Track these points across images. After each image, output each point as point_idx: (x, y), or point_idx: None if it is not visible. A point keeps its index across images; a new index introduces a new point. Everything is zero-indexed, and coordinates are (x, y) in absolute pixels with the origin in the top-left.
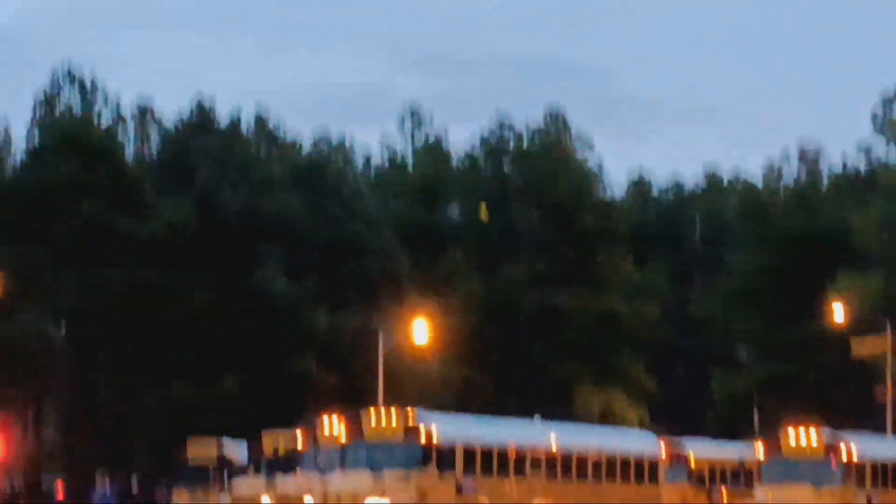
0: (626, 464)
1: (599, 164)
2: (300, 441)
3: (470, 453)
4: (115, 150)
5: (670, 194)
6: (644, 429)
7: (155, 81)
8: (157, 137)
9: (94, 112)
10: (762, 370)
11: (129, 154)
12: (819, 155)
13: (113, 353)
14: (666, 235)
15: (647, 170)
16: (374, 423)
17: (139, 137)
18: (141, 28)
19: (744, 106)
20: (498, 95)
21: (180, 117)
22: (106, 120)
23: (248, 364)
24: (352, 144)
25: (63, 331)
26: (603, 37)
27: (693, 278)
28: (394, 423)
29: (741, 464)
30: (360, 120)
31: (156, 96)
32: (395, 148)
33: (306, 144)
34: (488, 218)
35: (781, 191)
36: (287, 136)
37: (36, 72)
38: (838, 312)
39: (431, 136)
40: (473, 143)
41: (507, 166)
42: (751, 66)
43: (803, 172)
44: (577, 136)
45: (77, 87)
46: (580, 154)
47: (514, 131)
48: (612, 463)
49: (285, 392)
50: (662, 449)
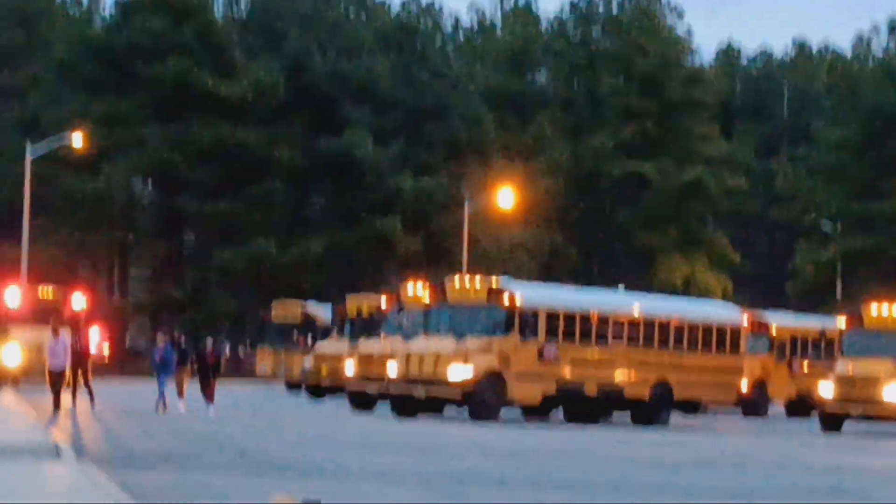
0: (707, 334)
1: (688, 32)
2: (384, 305)
3: (552, 320)
4: (204, 9)
5: (759, 64)
6: (727, 299)
7: None
8: None
9: None
10: (846, 243)
11: (219, 14)
12: None
13: (198, 210)
14: (753, 106)
15: (736, 39)
16: (458, 288)
17: None
18: None
19: None
20: None
21: None
22: None
23: (333, 226)
24: (440, 7)
25: (149, 186)
26: None
27: (779, 150)
28: (478, 289)
29: (823, 336)
30: None
31: None
32: (483, 11)
33: (395, 6)
34: None
35: (870, 63)
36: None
37: None
38: None
39: (521, 1)
40: (563, 9)
41: (595, 33)
42: None
43: (893, 45)
44: (667, 4)
45: None
46: (669, 22)
47: None
48: (693, 332)
49: (369, 254)
50: (745, 320)
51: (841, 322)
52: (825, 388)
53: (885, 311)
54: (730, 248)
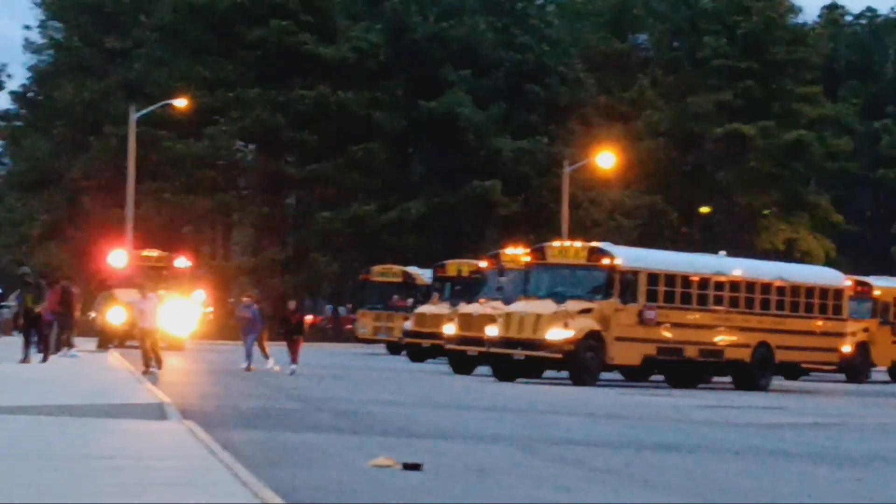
0: (809, 297)
1: None
2: (484, 269)
3: (653, 283)
4: None
5: (863, 22)
6: (830, 262)
7: None
8: None
9: None
10: None
11: None
12: None
13: (299, 172)
14: (858, 66)
15: None
16: (558, 253)
17: None
18: None
19: None
20: None
21: None
22: None
23: (434, 188)
24: None
25: (252, 148)
26: None
27: (885, 110)
28: (578, 254)
29: None
30: None
31: None
32: None
33: None
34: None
35: None
36: None
37: None
38: None
39: None
40: None
41: None
42: None
43: None
44: None
45: None
46: None
47: None
48: (795, 295)
49: (470, 217)
50: (847, 285)
51: None
52: None
53: None
54: (833, 211)
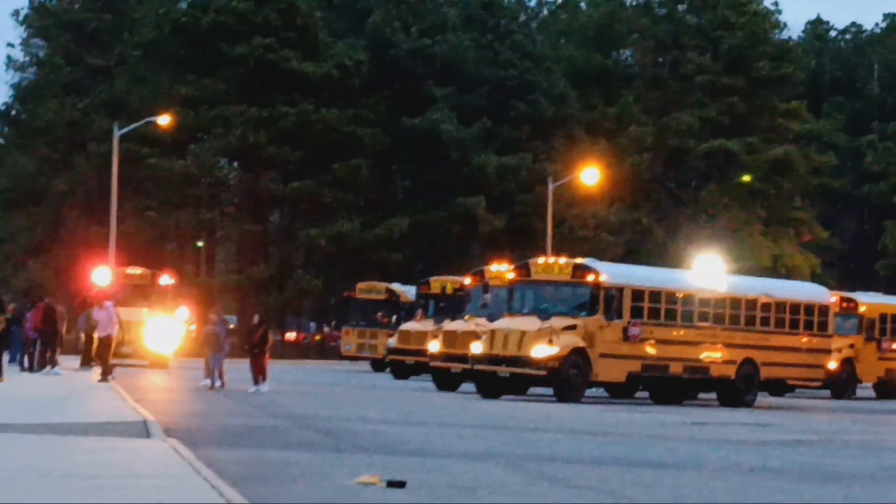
0: (795, 313)
1: (776, 6)
2: (468, 285)
3: (637, 299)
4: None
5: (848, 38)
6: (815, 278)
7: None
8: None
9: None
10: None
11: None
12: None
13: (283, 189)
14: (843, 81)
15: (825, 13)
16: (542, 270)
17: None
18: None
19: None
20: None
21: None
22: None
23: (417, 205)
24: None
25: (235, 166)
26: None
27: (869, 126)
28: (562, 270)
29: None
30: None
31: None
32: None
33: None
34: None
35: None
36: None
37: None
38: None
39: None
40: None
41: (681, 9)
42: None
43: None
44: None
45: None
46: None
47: None
48: (780, 312)
49: (454, 233)
50: (833, 301)
51: None
52: None
53: None
54: (818, 227)
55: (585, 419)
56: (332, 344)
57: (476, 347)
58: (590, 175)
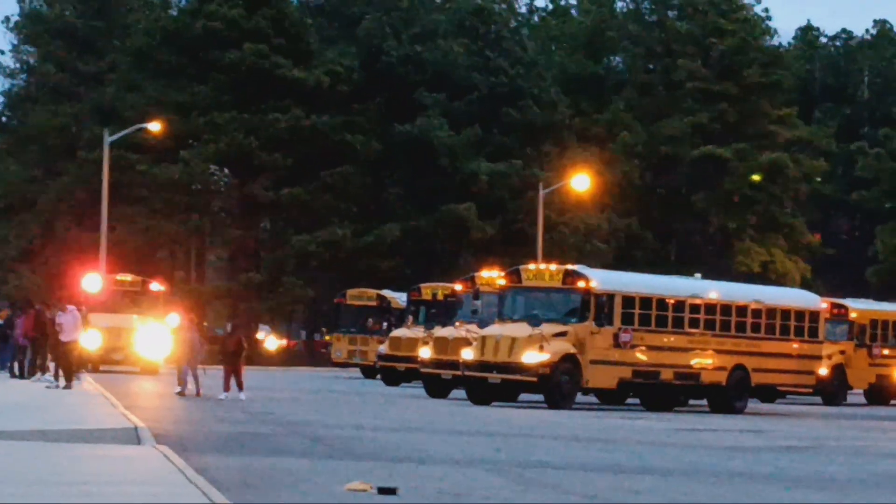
0: (785, 319)
1: (766, 13)
2: (459, 292)
3: (628, 306)
4: None
5: (838, 44)
6: (806, 285)
7: None
8: None
9: None
10: None
11: (293, 0)
12: None
13: (274, 196)
14: (833, 88)
15: (816, 20)
16: (533, 276)
17: None
18: None
19: None
20: None
21: None
22: None
23: (409, 211)
24: None
25: (226, 172)
26: None
27: (860, 132)
28: (553, 277)
29: None
30: None
31: None
32: None
33: None
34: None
35: None
36: None
37: None
38: None
39: None
40: None
41: (671, 15)
42: None
43: None
44: None
45: None
46: (747, 3)
47: None
48: (771, 318)
49: (445, 240)
50: (824, 307)
51: None
52: None
53: None
54: (808, 233)
55: (576, 426)
56: (322, 350)
57: (467, 354)
58: (581, 182)
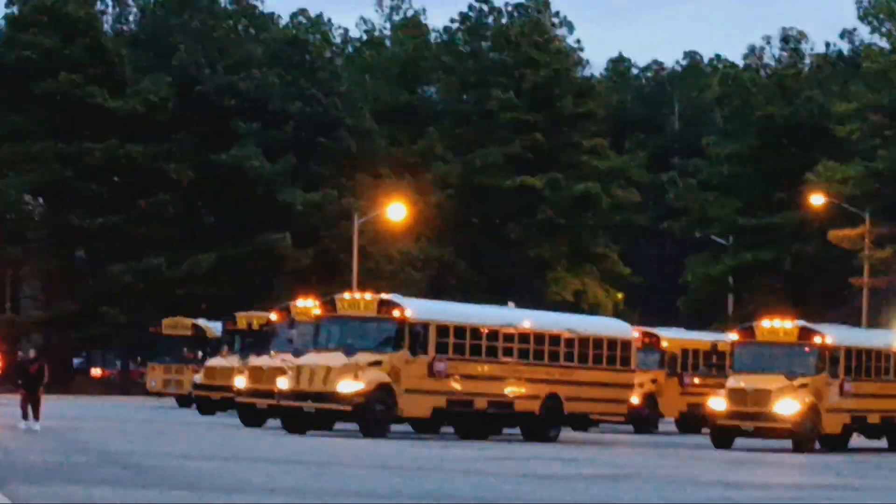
0: (598, 348)
1: (579, 45)
2: (275, 321)
3: (442, 334)
4: (93, 24)
5: (649, 75)
6: (618, 313)
7: None
8: (135, 13)
9: None
10: (738, 257)
11: (108, 29)
12: (801, 39)
13: (89, 225)
14: (644, 118)
15: (627, 52)
16: (348, 305)
17: (118, 13)
18: None
19: None
20: None
21: None
22: None
23: (223, 240)
24: (329, 21)
25: (41, 201)
26: None
27: (671, 162)
28: (368, 306)
29: (714, 351)
30: None
31: None
32: (373, 25)
33: (284, 20)
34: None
35: (763, 75)
36: (265, 11)
37: None
38: (817, 200)
39: (410, 14)
40: (452, 22)
41: (485, 46)
42: None
43: (785, 56)
44: (557, 17)
45: None
46: (559, 34)
47: (493, 10)
48: (584, 347)
49: (260, 268)
50: (635, 336)
51: (732, 336)
52: (716, 403)
53: (776, 327)
54: (620, 262)
55: (390, 454)
56: (138, 380)
57: (282, 383)
58: (395, 211)
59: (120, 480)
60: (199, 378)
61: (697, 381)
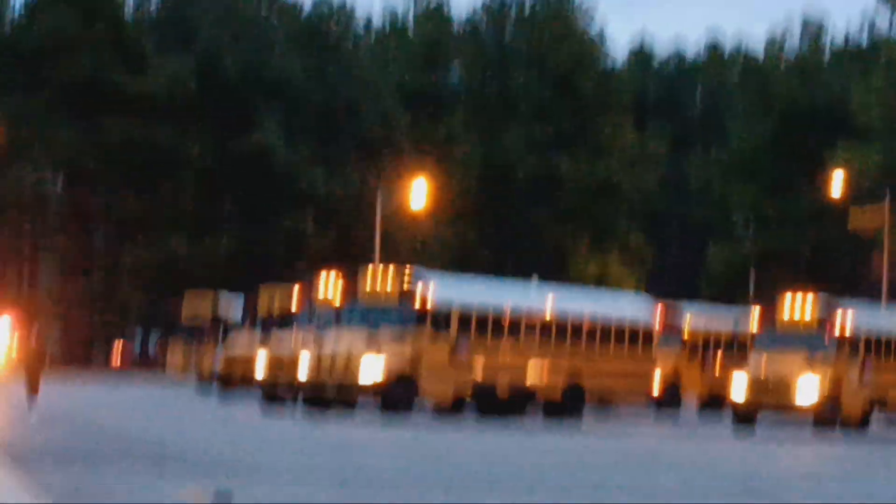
0: (620, 331)
1: (601, 31)
2: (296, 298)
3: (465, 314)
4: (114, 5)
5: (672, 63)
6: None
7: None
8: None
9: None
10: (759, 241)
11: (129, 10)
12: (822, 26)
13: (108, 207)
14: (666, 104)
15: (650, 37)
16: (370, 281)
17: None
18: None
19: None
20: None
21: None
22: None
23: (245, 223)
24: (353, 6)
25: (60, 183)
26: None
27: (693, 148)
28: (390, 281)
29: (735, 332)
30: None
31: None
32: (396, 11)
33: (307, 6)
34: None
35: (783, 61)
36: None
37: None
38: (837, 184)
39: (433, 0)
40: (475, 8)
41: (508, 32)
42: None
43: (805, 43)
44: (580, 3)
45: None
46: (582, 21)
47: None
48: (606, 330)
49: (281, 251)
50: (658, 313)
51: (754, 318)
52: (738, 383)
53: (797, 307)
54: (642, 244)
55: (412, 438)
56: (157, 361)
57: (303, 367)
58: (417, 194)
59: (141, 463)
60: (220, 359)
61: (719, 361)
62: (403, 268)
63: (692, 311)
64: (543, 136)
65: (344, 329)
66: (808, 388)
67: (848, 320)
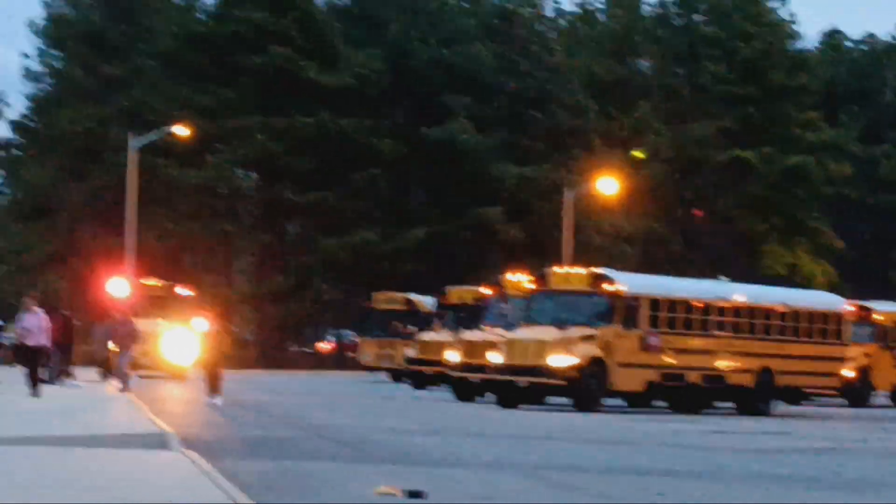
0: (810, 322)
1: (792, 17)
2: (487, 295)
3: (655, 308)
4: None
5: (863, 49)
6: (831, 287)
7: None
8: None
9: None
10: None
11: (320, 2)
12: None
13: (301, 200)
14: (858, 92)
15: (840, 24)
16: (560, 280)
17: None
18: None
19: None
20: None
21: None
22: None
23: (435, 215)
24: None
25: (253, 176)
26: None
27: (885, 136)
28: (580, 280)
29: None
30: None
31: None
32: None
33: None
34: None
35: None
36: None
37: None
38: None
39: None
40: None
41: (698, 19)
42: None
43: None
44: None
45: None
46: (773, 7)
47: None
48: (796, 320)
49: (471, 243)
50: (848, 310)
51: None
52: None
53: None
54: (833, 236)
55: (604, 428)
56: (350, 354)
57: (494, 357)
58: (607, 185)
59: (333, 454)
60: (411, 352)
61: None
62: (592, 267)
63: (883, 304)
64: (733, 125)
65: (534, 322)
66: None
67: None
